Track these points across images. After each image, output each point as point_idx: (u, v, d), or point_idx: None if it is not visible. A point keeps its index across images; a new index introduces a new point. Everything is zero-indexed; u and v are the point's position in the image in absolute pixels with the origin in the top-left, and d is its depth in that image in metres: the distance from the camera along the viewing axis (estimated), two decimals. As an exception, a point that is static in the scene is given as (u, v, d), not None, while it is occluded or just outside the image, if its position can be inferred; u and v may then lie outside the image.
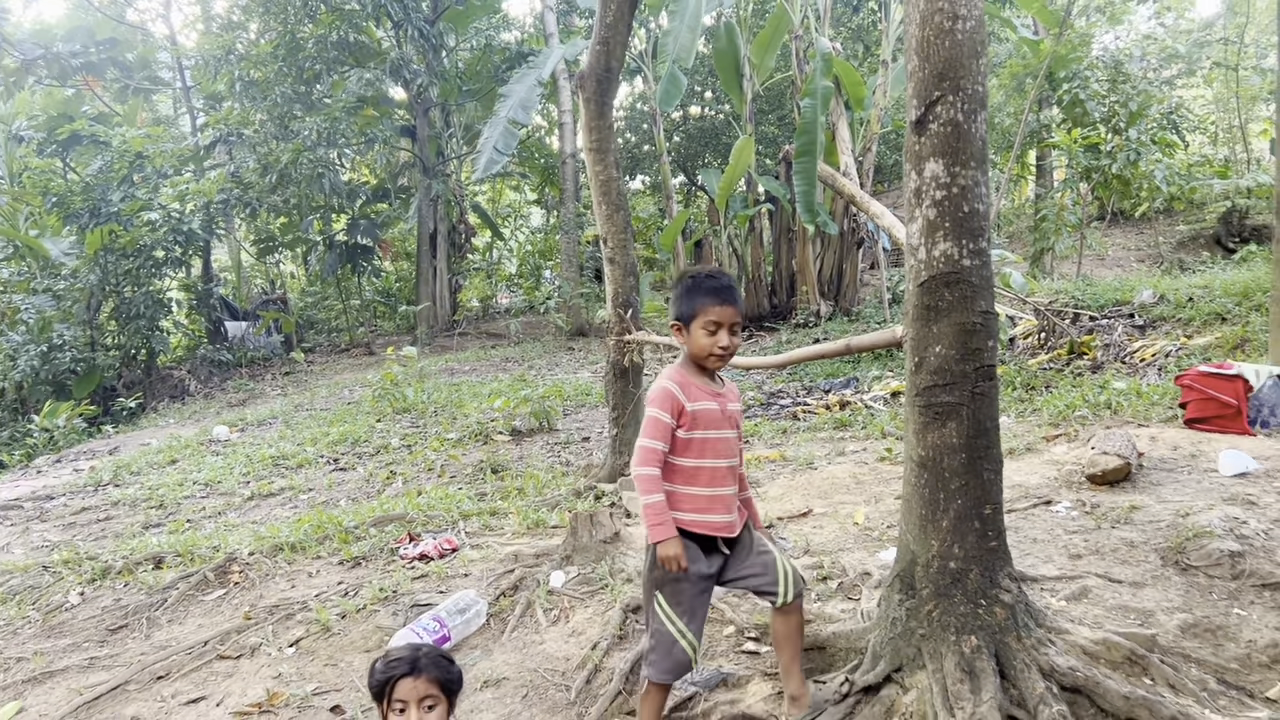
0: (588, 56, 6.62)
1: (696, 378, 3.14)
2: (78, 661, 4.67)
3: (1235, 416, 5.71)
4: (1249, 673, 3.27)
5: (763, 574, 3.18)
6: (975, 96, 3.28)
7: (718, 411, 3.11)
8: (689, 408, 3.05)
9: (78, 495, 9.41)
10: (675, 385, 3.08)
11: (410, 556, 5.46)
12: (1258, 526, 4.09)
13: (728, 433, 3.15)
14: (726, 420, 3.15)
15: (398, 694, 2.60)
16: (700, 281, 3.10)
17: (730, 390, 3.26)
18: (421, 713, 2.59)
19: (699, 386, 3.11)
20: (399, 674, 2.61)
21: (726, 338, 3.06)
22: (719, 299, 3.04)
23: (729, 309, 3.05)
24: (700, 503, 3.08)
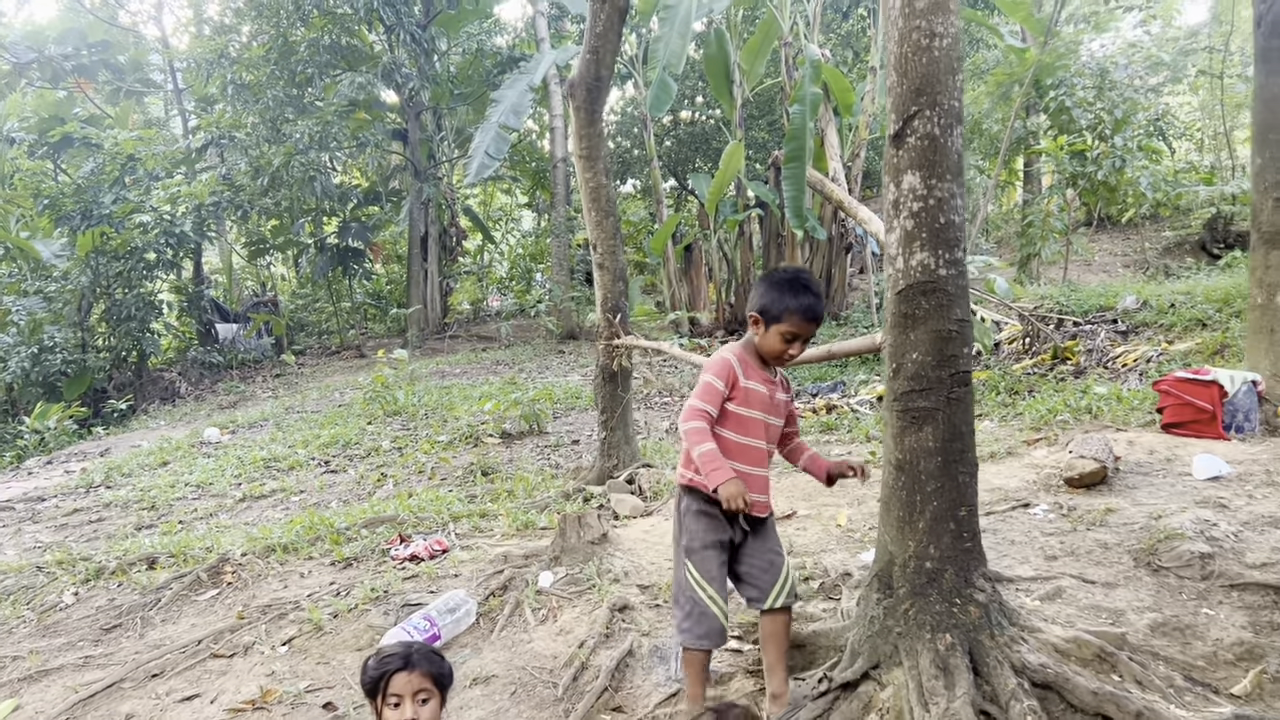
0: (578, 65, 6.71)
1: (755, 360, 3.34)
2: (73, 660, 4.73)
3: (1210, 421, 5.84)
4: (1215, 670, 3.37)
5: (765, 572, 3.32)
6: (951, 111, 3.39)
7: (767, 396, 3.31)
8: (742, 383, 3.25)
9: (69, 497, 9.45)
10: (735, 359, 3.29)
11: (401, 557, 5.54)
12: (1227, 529, 4.20)
13: (772, 418, 3.35)
14: (773, 407, 3.35)
15: (393, 688, 2.68)
16: (797, 290, 3.25)
17: (783, 381, 3.45)
18: (416, 706, 2.68)
19: (755, 368, 3.32)
20: (393, 669, 2.70)
21: (799, 348, 3.29)
22: (806, 317, 3.23)
23: (811, 326, 3.26)
24: (739, 478, 3.18)
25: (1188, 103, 24.71)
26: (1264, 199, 6.50)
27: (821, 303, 3.31)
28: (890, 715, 3.21)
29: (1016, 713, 3.02)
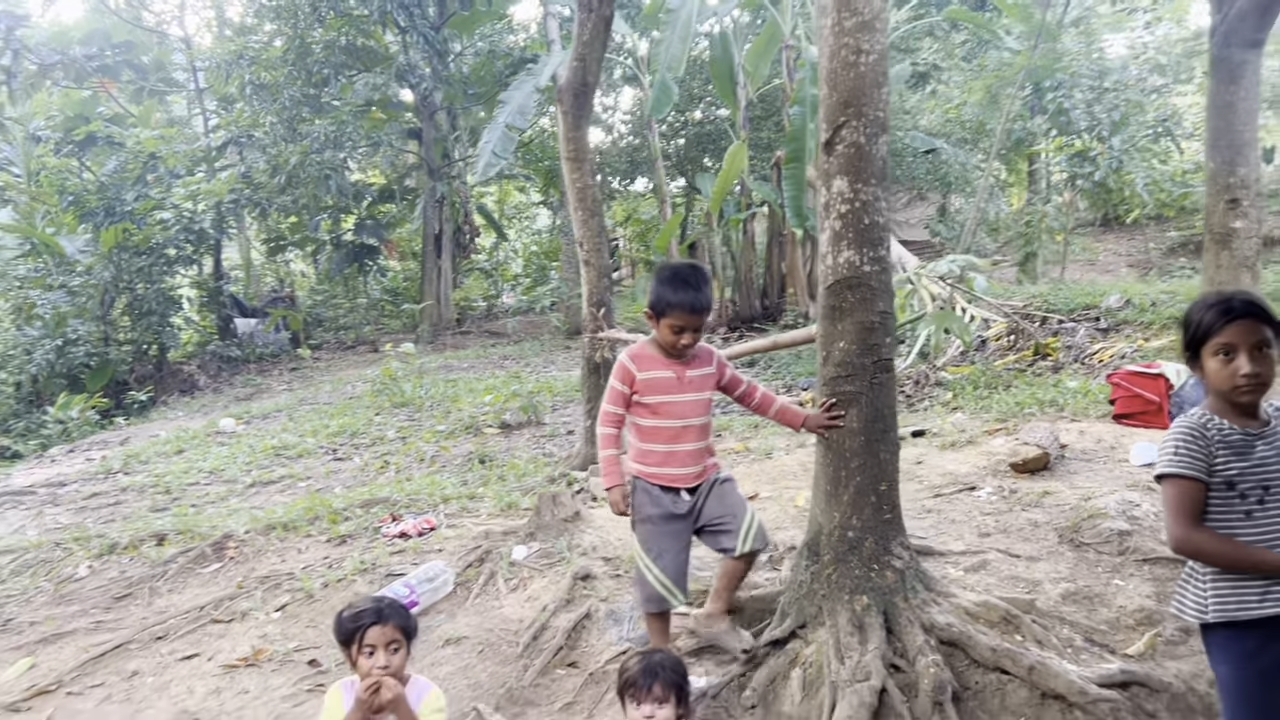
0: (565, 72, 7.07)
1: (658, 350, 3.56)
2: (85, 625, 5.13)
3: (1158, 412, 6.13)
4: (1116, 634, 3.70)
5: (729, 522, 3.59)
6: (876, 122, 3.72)
7: (673, 379, 3.53)
8: (639, 376, 3.52)
9: (89, 482, 9.86)
10: (629, 358, 3.57)
11: (391, 534, 5.91)
12: (1149, 509, 4.51)
13: (685, 396, 3.54)
14: (683, 385, 3.54)
15: (368, 639, 3.04)
16: (678, 286, 3.45)
17: (700, 356, 3.60)
18: (388, 655, 3.04)
19: (653, 357, 3.55)
20: (368, 623, 3.06)
21: (689, 338, 3.47)
22: (688, 310, 3.43)
23: (695, 318, 3.44)
24: (657, 458, 3.57)
25: (1196, 103, 24.78)
26: (1216, 201, 6.81)
27: (704, 295, 3.47)
28: (812, 669, 3.55)
29: (922, 665, 3.36)
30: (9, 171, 20.24)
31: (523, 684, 3.82)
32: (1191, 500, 2.48)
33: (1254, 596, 2.46)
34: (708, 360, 3.64)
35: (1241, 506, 2.49)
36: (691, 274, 3.52)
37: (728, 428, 9.06)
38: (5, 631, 5.13)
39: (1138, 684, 3.30)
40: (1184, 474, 2.47)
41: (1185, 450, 2.47)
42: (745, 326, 17.27)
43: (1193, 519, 2.48)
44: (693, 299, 3.43)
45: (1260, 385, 2.46)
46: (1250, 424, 2.51)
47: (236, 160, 21.50)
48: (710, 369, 3.63)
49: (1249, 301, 2.50)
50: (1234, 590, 2.49)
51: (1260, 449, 2.49)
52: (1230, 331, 2.45)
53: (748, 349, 5.34)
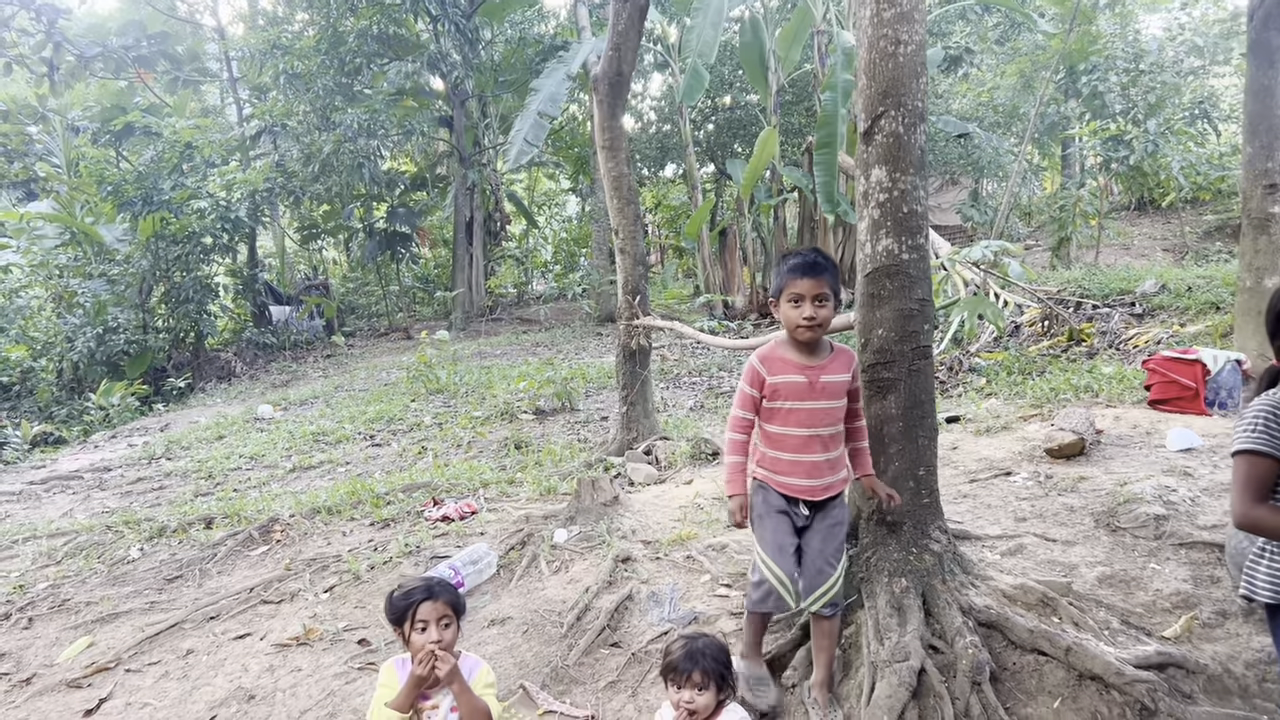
0: (601, 61, 7.12)
1: (789, 351, 3.38)
2: (139, 605, 5.28)
3: (1194, 398, 6.13)
4: (1152, 616, 3.73)
5: (813, 577, 3.35)
6: (915, 111, 3.77)
7: (805, 384, 3.33)
8: (769, 380, 3.36)
9: (133, 467, 10.09)
10: (759, 360, 3.40)
11: (434, 518, 6.04)
12: (1185, 494, 4.54)
13: (819, 403, 3.34)
14: (816, 391, 3.33)
15: (420, 615, 3.15)
16: (788, 257, 3.35)
17: (836, 361, 3.39)
18: (440, 630, 3.15)
19: (785, 359, 3.37)
20: (420, 599, 3.17)
21: (810, 309, 3.24)
22: (800, 273, 3.24)
23: (808, 280, 3.23)
24: (783, 466, 3.40)
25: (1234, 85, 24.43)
26: (1253, 186, 6.77)
27: (815, 257, 3.30)
28: (852, 649, 3.63)
29: (960, 647, 3.42)
30: (49, 162, 20.59)
31: (567, 663, 3.91)
32: (1262, 478, 2.53)
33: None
34: (845, 365, 3.42)
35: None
36: (805, 249, 3.40)
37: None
38: (63, 611, 5.30)
39: (1174, 666, 3.34)
40: (1261, 450, 2.52)
41: (1266, 428, 2.52)
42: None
43: (1260, 496, 2.53)
44: (801, 261, 3.28)
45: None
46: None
47: (270, 149, 21.74)
48: (846, 375, 3.40)
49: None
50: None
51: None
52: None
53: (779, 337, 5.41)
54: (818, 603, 3.32)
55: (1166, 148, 14.83)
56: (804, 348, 3.37)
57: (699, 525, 5.20)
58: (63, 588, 5.63)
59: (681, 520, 5.36)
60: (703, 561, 4.58)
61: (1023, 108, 19.42)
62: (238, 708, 3.96)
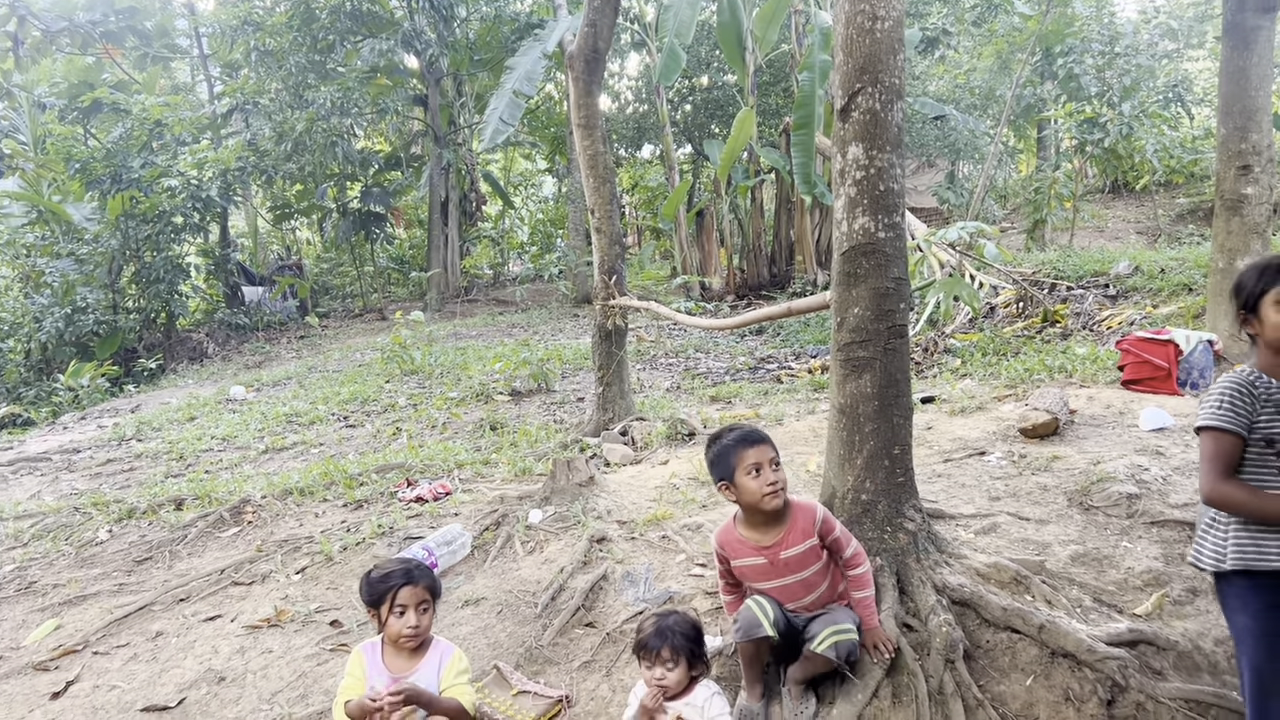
0: (577, 38, 7.05)
1: (745, 530, 3.29)
2: (108, 587, 5.22)
3: (1166, 378, 6.18)
4: (1124, 594, 3.76)
5: (823, 621, 3.24)
6: (892, 88, 3.75)
7: (765, 565, 3.25)
8: (734, 564, 3.33)
9: (102, 449, 9.96)
10: (718, 544, 3.37)
11: (407, 499, 5.99)
12: (1158, 473, 4.57)
13: (784, 580, 3.26)
14: (779, 569, 3.25)
15: (399, 600, 3.12)
16: (725, 438, 3.24)
17: (795, 529, 3.25)
18: (419, 615, 3.13)
19: (742, 542, 3.29)
20: (399, 583, 3.14)
21: (771, 473, 3.15)
22: (747, 443, 3.17)
23: (757, 448, 3.15)
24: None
25: (1207, 68, 24.60)
26: (1226, 168, 6.81)
27: (749, 428, 3.27)
28: (826, 628, 3.62)
29: (934, 625, 3.43)
30: (15, 139, 20.22)
31: (542, 643, 3.89)
32: (1228, 454, 2.58)
33: (1275, 547, 2.56)
34: (807, 531, 3.26)
35: (1277, 463, 2.59)
36: (731, 425, 3.38)
37: (739, 394, 9.13)
38: (29, 594, 5.23)
39: (1145, 642, 3.36)
40: (1225, 428, 2.56)
41: (1230, 405, 2.56)
42: (753, 294, 17.29)
43: (1227, 472, 2.58)
44: (745, 432, 3.22)
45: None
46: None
47: (242, 127, 21.46)
48: (811, 541, 3.26)
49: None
50: (1254, 541, 2.59)
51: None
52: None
53: (762, 315, 5.39)
54: (825, 642, 3.13)
55: (1141, 130, 14.89)
56: (760, 522, 3.25)
57: (675, 505, 5.19)
58: (30, 570, 5.56)
59: (657, 500, 5.35)
60: (678, 541, 4.57)
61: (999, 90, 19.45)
62: (208, 689, 3.92)
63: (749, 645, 3.19)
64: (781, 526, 3.25)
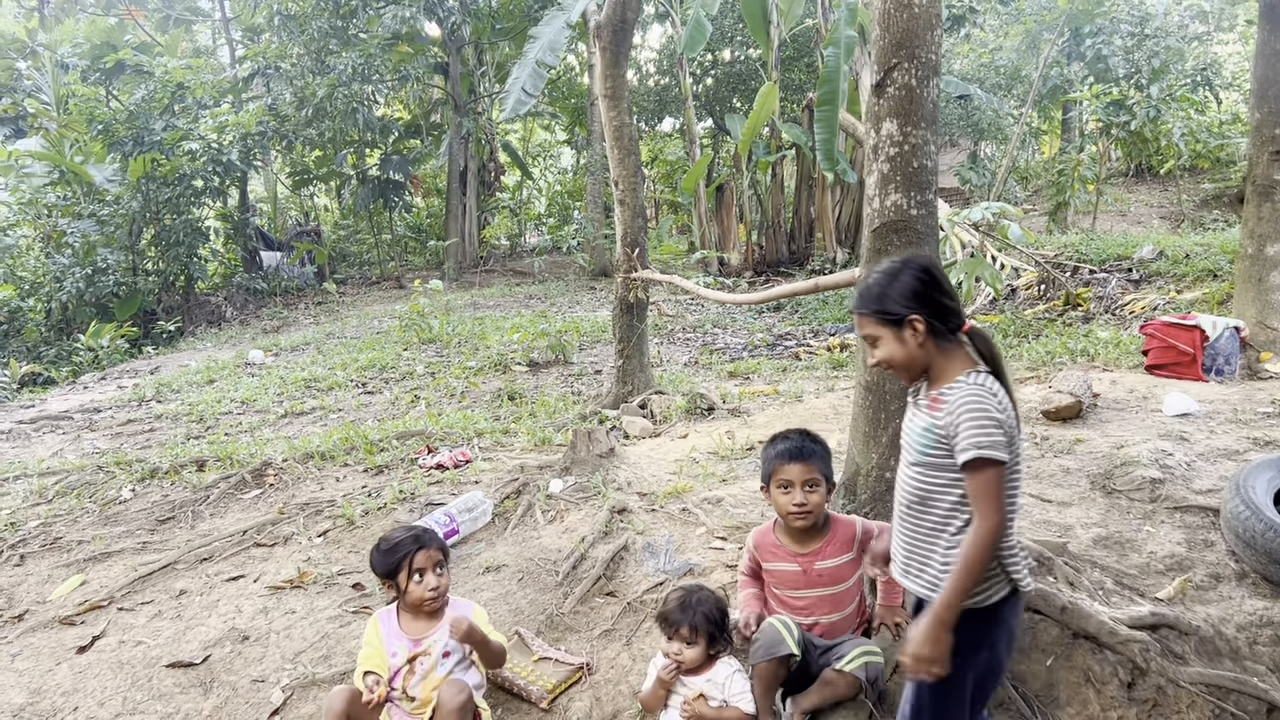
0: (605, 7, 7.00)
1: (784, 536, 3.29)
2: (131, 545, 5.28)
3: (1191, 364, 6.15)
4: (1146, 578, 3.75)
5: (848, 649, 3.17)
6: (928, 64, 3.71)
7: (798, 573, 3.23)
8: (765, 566, 3.33)
9: (123, 409, 10.03)
10: (753, 544, 3.36)
11: (428, 466, 6.03)
12: (1182, 458, 4.55)
13: (814, 592, 3.22)
14: (811, 579, 3.21)
15: (416, 564, 3.18)
16: (774, 442, 3.26)
17: (834, 541, 3.24)
18: (437, 576, 3.18)
19: (779, 547, 3.28)
20: (413, 549, 3.19)
21: (801, 495, 3.13)
22: (788, 458, 3.15)
23: (797, 466, 3.13)
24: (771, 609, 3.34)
25: (1237, 52, 24.26)
26: (1260, 152, 6.72)
27: (803, 441, 3.21)
28: (847, 604, 3.63)
29: (955, 604, 3.43)
30: (38, 98, 20.24)
31: (563, 611, 3.92)
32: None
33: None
34: (846, 544, 3.24)
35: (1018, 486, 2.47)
36: (793, 432, 3.30)
37: (757, 370, 9.12)
38: (55, 549, 5.29)
39: (1167, 626, 3.37)
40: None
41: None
42: (771, 270, 17.23)
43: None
44: (788, 447, 3.17)
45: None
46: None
47: (263, 92, 21.42)
48: (849, 555, 3.24)
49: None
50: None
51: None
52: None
53: (788, 290, 5.38)
54: (855, 661, 3.06)
55: (1168, 114, 14.73)
56: (798, 532, 3.25)
57: (694, 479, 5.21)
58: (54, 526, 5.62)
59: (677, 473, 5.36)
60: (698, 514, 4.59)
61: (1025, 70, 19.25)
62: (232, 647, 3.97)
63: (768, 666, 3.05)
64: (820, 538, 3.26)
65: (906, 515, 2.54)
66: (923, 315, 2.45)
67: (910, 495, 2.52)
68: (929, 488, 2.47)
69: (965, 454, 2.32)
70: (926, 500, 2.48)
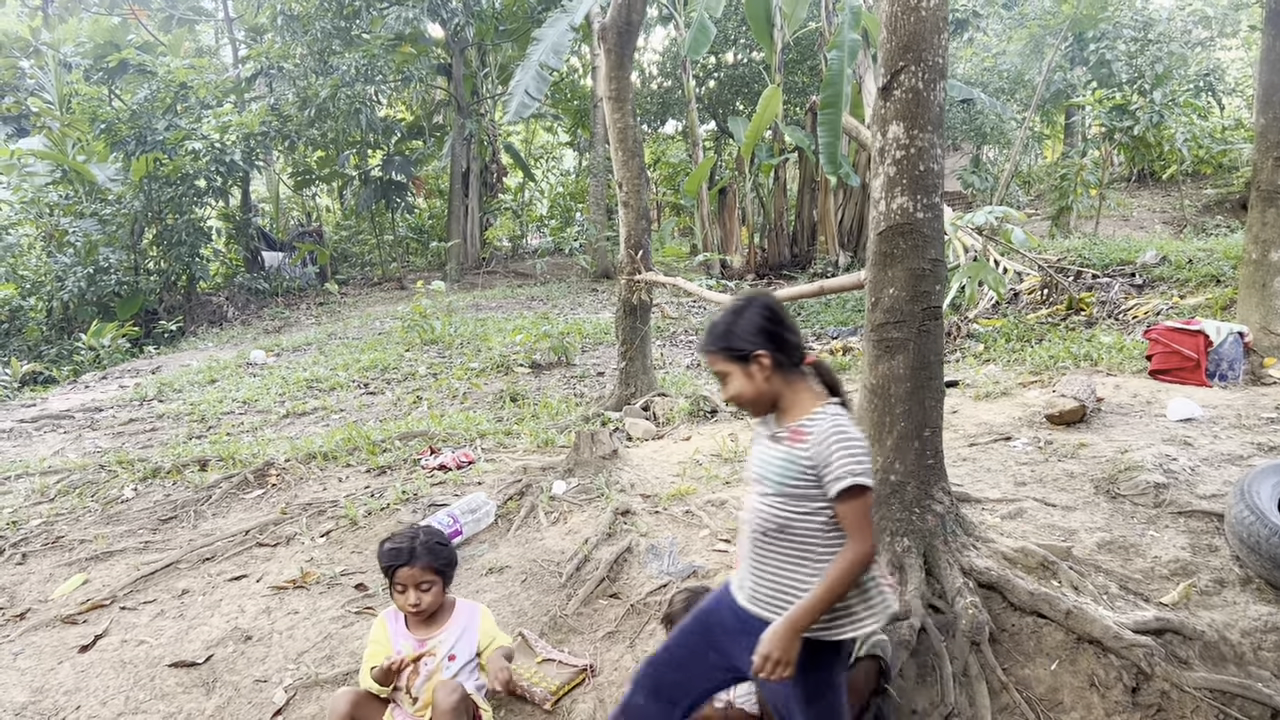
0: (610, 9, 7.00)
1: None
2: (134, 544, 5.27)
3: (1195, 369, 6.14)
4: (1150, 583, 3.75)
5: None
6: (935, 68, 3.71)
7: None
8: None
9: (124, 408, 10.02)
10: None
11: (431, 466, 6.02)
12: (1185, 463, 4.55)
13: None
14: None
15: (398, 579, 3.18)
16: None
17: None
18: (419, 594, 3.17)
19: None
20: (398, 563, 3.18)
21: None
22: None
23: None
24: None
25: (1240, 58, 24.27)
26: (1265, 158, 6.72)
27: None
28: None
29: (960, 606, 3.44)
30: (41, 97, 20.25)
31: (566, 612, 3.92)
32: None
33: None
34: None
35: None
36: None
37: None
38: (57, 548, 5.29)
39: (1172, 631, 3.36)
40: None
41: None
42: (774, 273, 17.23)
43: None
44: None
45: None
46: None
47: (266, 92, 21.42)
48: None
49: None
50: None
51: None
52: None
53: (793, 294, 5.37)
54: (868, 641, 3.02)
55: (1171, 119, 14.73)
56: None
57: (698, 481, 5.20)
58: (56, 525, 5.62)
59: (680, 476, 5.36)
60: (701, 516, 4.58)
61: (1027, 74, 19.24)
62: (234, 647, 3.97)
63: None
64: None
65: (763, 544, 2.54)
66: (768, 350, 2.50)
67: (767, 524, 2.52)
68: (789, 517, 2.48)
69: (842, 482, 2.36)
70: (786, 529, 2.49)
